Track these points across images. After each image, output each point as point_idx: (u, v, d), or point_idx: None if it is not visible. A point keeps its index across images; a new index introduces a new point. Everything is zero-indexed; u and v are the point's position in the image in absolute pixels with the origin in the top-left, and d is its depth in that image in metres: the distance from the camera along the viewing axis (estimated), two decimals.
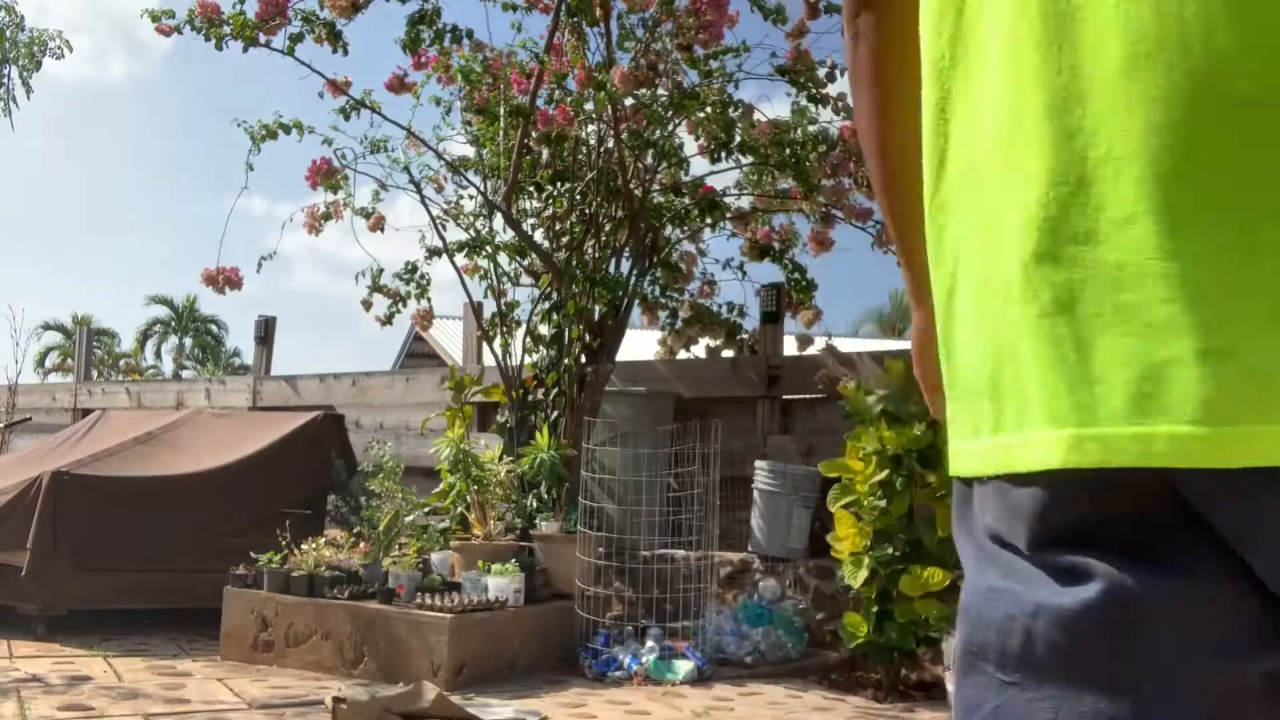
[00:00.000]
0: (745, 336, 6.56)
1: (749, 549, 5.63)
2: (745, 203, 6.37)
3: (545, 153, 6.18)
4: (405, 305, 6.66)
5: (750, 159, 5.99)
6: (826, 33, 5.73)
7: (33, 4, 56.58)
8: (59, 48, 7.56)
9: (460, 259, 6.45)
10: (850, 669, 4.82)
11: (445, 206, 6.53)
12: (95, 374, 17.41)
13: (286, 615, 4.90)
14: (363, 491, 6.01)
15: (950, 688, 4.40)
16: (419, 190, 6.26)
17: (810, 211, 6.24)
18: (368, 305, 6.67)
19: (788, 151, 5.89)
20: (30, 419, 10.45)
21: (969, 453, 0.67)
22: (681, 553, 5.50)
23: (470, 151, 6.39)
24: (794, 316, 6.47)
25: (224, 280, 6.09)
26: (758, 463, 5.73)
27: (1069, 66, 0.60)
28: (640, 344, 7.33)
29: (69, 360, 29.30)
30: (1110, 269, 0.57)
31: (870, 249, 6.12)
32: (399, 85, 5.83)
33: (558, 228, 6.24)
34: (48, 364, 31.43)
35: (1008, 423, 0.63)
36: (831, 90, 5.76)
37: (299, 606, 4.87)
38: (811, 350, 6.35)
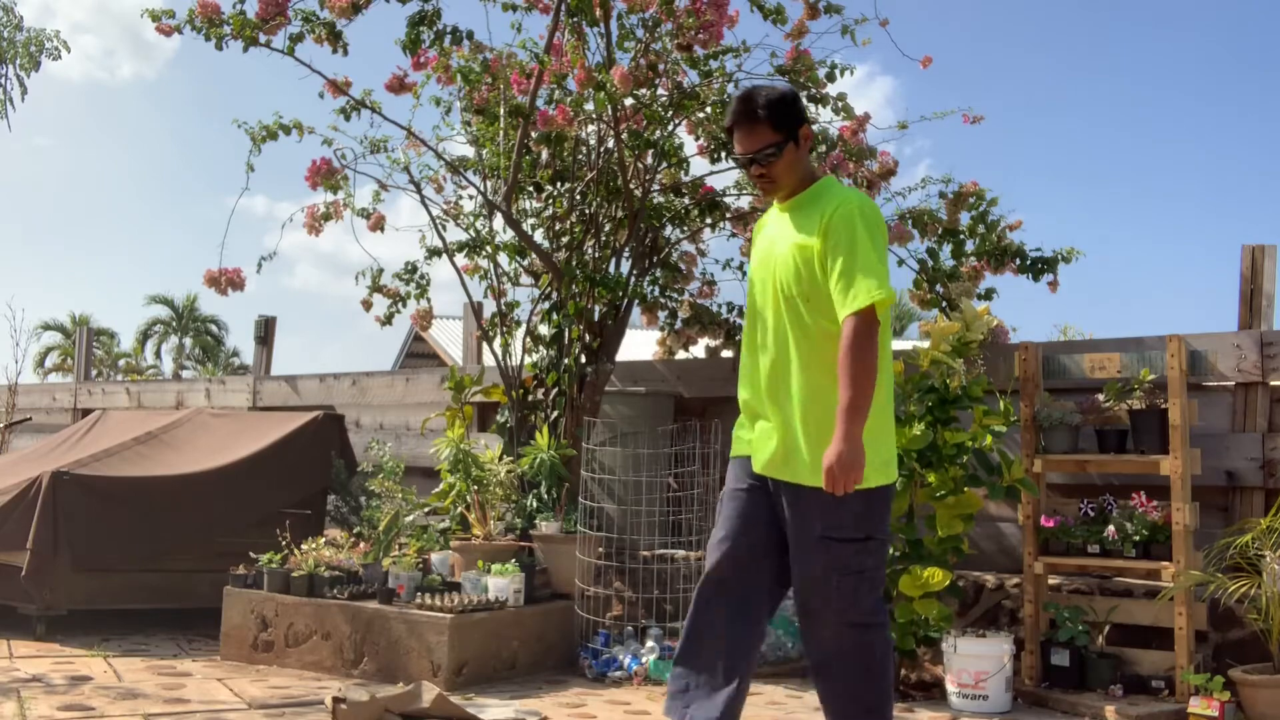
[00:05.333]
0: None
1: None
2: (745, 203, 6.36)
3: (545, 153, 6.17)
4: (405, 305, 6.64)
5: None
6: (826, 33, 5.71)
7: (39, 5, 56.60)
8: (56, 48, 7.55)
9: (460, 259, 6.45)
10: None
11: (445, 206, 6.52)
12: (95, 374, 17.42)
13: (286, 615, 4.90)
14: (363, 491, 6.01)
15: (950, 688, 4.40)
16: (419, 190, 6.26)
17: None
18: (368, 305, 6.66)
19: None
20: (30, 419, 10.46)
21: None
22: (681, 553, 5.50)
23: (470, 151, 6.38)
24: None
25: (226, 281, 6.06)
26: None
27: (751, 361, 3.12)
28: (640, 344, 7.33)
29: (69, 360, 29.31)
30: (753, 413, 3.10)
31: None
32: (399, 86, 5.82)
33: (558, 228, 6.24)
34: (47, 364, 31.48)
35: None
36: (831, 90, 5.75)
37: (299, 606, 4.88)
38: None
